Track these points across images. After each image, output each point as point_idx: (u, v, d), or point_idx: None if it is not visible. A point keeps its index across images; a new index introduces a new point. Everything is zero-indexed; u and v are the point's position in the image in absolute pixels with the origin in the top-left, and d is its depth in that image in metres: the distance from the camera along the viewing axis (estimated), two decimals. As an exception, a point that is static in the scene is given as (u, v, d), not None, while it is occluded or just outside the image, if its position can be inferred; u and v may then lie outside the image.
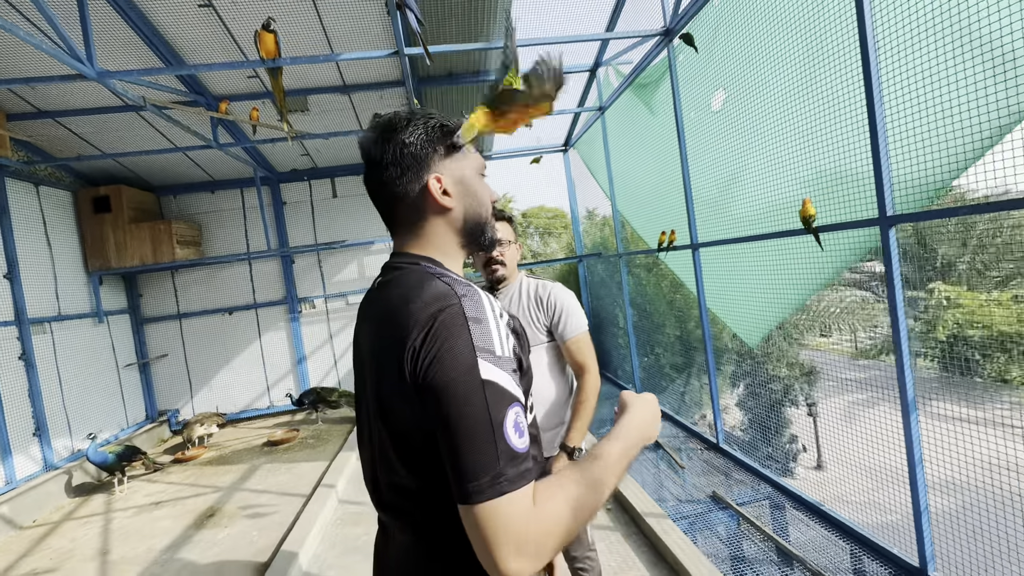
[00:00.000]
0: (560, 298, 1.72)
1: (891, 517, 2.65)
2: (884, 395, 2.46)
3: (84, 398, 5.13)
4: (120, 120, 4.69)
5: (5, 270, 4.47)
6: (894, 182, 2.06)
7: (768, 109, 2.93)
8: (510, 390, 0.69)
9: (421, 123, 0.86)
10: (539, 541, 0.64)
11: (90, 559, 3.25)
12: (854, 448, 2.79)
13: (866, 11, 2.02)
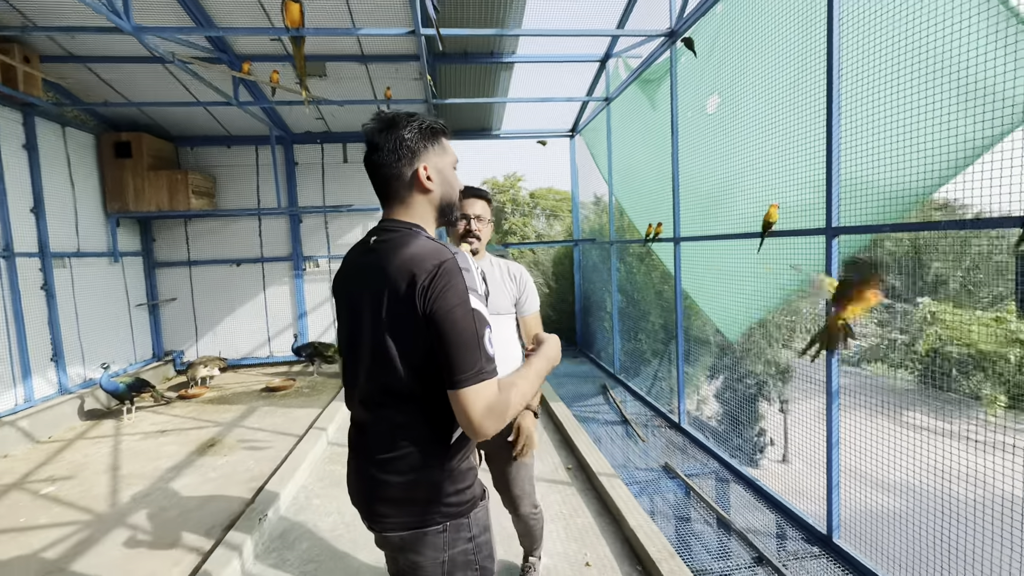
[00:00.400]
0: (528, 278, 1.98)
1: (843, 512, 2.74)
2: (857, 401, 2.62)
3: (97, 331, 5.47)
4: (146, 70, 4.90)
5: (32, 204, 4.75)
6: (883, 191, 2.21)
7: (751, 119, 3.15)
8: (487, 316, 1.04)
9: (417, 124, 1.14)
10: (501, 411, 1.00)
11: (102, 472, 3.62)
12: (818, 446, 2.87)
13: (834, 53, 2.24)
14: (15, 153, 4.61)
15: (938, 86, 1.97)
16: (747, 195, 3.32)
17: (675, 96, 3.92)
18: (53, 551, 2.62)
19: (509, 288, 1.92)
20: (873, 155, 2.26)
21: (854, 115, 2.32)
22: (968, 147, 1.90)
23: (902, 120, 2.10)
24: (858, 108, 2.30)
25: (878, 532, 2.41)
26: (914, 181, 2.10)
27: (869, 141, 2.27)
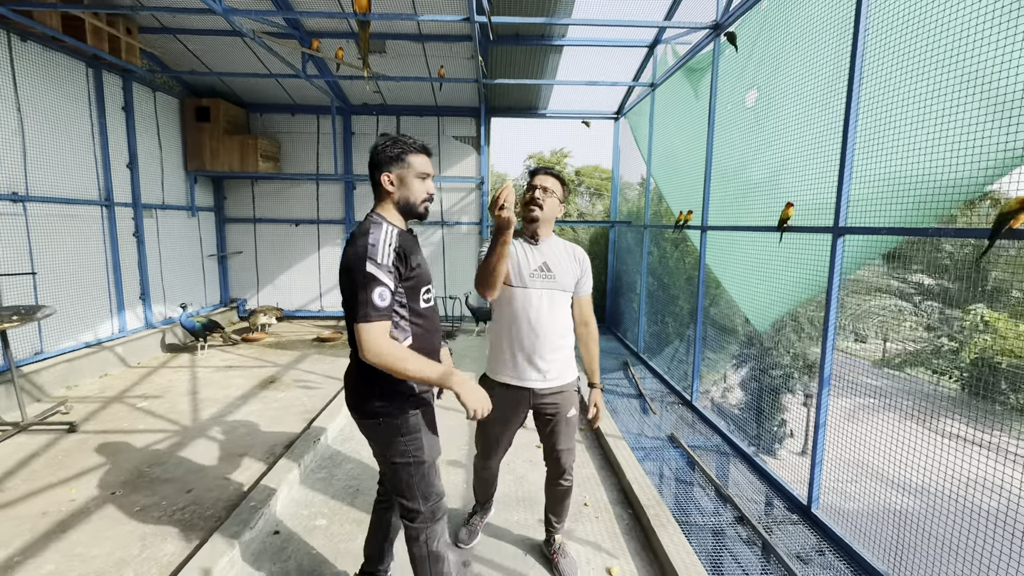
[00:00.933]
0: (587, 260, 2.12)
1: (853, 505, 2.89)
2: (893, 404, 2.59)
3: (176, 276, 6.20)
4: (227, 43, 5.39)
5: (127, 160, 5.40)
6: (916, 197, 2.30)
7: (782, 118, 3.28)
8: (380, 278, 1.47)
9: (388, 144, 1.62)
10: (377, 352, 1.45)
11: (183, 394, 4.26)
12: (841, 443, 2.85)
13: (856, 67, 2.38)
14: (115, 114, 5.23)
15: (969, 94, 2.04)
16: (773, 191, 3.46)
17: (715, 88, 4.04)
18: (151, 450, 3.22)
19: (572, 269, 2.04)
20: (903, 160, 2.40)
21: (887, 119, 2.43)
22: (1004, 157, 1.95)
23: (935, 127, 2.19)
24: (893, 111, 2.41)
25: (873, 523, 2.58)
26: (945, 186, 2.17)
27: (902, 147, 2.40)
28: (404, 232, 1.62)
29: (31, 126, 4.25)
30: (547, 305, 1.97)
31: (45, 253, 4.37)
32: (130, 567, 2.14)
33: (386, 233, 1.52)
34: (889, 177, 2.42)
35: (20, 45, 4.17)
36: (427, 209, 1.72)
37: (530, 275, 1.96)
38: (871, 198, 2.45)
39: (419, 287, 1.64)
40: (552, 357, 2.00)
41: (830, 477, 2.85)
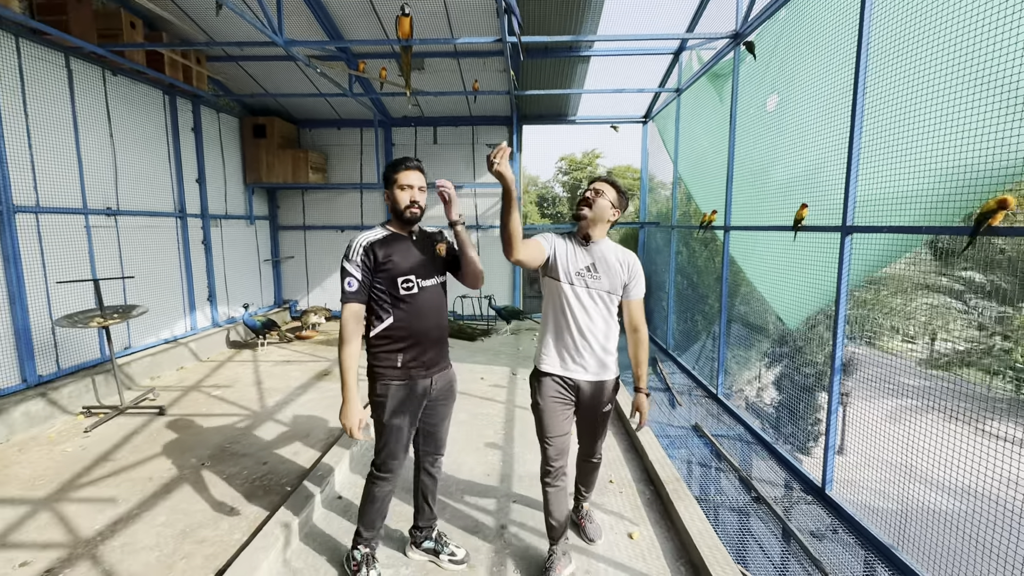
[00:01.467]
0: (638, 266, 2.14)
1: (889, 504, 2.87)
2: (938, 406, 2.53)
3: (236, 279, 6.80)
4: (281, 67, 5.93)
5: (196, 176, 6.02)
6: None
7: (799, 123, 3.45)
8: (349, 270, 1.92)
9: (387, 168, 2.01)
10: (341, 325, 1.94)
11: (250, 384, 4.77)
12: (882, 444, 2.90)
13: (860, 78, 2.57)
14: (186, 135, 5.85)
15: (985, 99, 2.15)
16: (793, 192, 3.63)
17: (736, 94, 4.23)
18: (228, 430, 3.70)
19: (620, 272, 2.09)
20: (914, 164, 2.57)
21: (900, 121, 2.59)
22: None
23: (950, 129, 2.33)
24: (905, 114, 2.57)
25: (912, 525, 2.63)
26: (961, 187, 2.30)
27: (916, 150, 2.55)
28: (390, 235, 2.02)
29: (121, 149, 4.87)
30: (590, 304, 2.06)
31: (132, 260, 4.98)
32: (224, 520, 2.57)
33: (362, 236, 1.97)
34: (910, 176, 2.56)
35: (112, 79, 4.78)
36: (412, 213, 1.98)
37: (576, 273, 2.06)
38: (890, 197, 2.61)
39: (395, 277, 1.97)
40: (592, 353, 2.08)
41: (867, 476, 2.90)
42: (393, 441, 2.05)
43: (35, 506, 2.70)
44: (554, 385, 2.12)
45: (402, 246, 2.01)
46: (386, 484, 2.12)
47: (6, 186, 3.73)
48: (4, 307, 3.76)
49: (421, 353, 2.04)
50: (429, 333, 2.05)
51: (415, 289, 2.00)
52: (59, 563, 2.25)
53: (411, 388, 2.03)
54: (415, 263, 2.01)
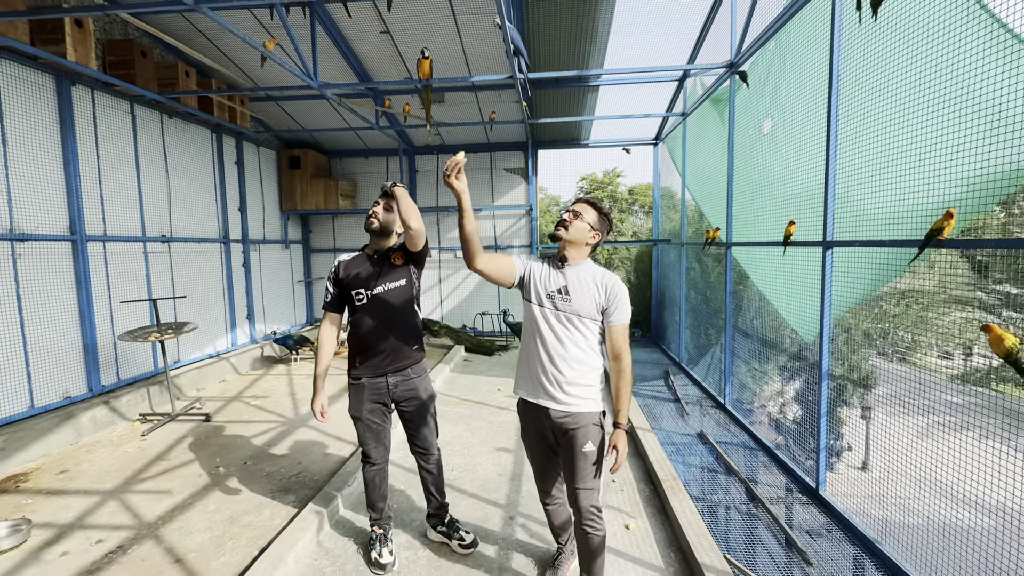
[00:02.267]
0: (619, 289, 1.96)
1: (914, 519, 2.84)
2: (974, 423, 2.47)
3: (272, 299, 7.31)
4: (315, 105, 6.49)
5: (239, 204, 6.59)
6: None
7: (792, 143, 3.70)
8: (328, 287, 2.41)
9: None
10: (319, 331, 2.41)
11: (285, 395, 5.17)
12: (909, 460, 2.86)
13: (833, 103, 2.83)
14: (230, 168, 6.44)
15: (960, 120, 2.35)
16: (787, 209, 3.85)
17: (732, 118, 4.50)
18: (268, 434, 4.07)
19: (594, 295, 1.95)
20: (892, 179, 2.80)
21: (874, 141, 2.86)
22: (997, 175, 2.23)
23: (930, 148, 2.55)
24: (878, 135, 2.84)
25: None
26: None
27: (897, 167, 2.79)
28: (357, 256, 2.42)
29: (174, 183, 5.44)
30: (560, 328, 1.96)
31: (182, 282, 5.50)
32: (266, 509, 2.90)
33: (338, 260, 2.44)
34: (893, 194, 2.78)
35: (168, 122, 5.38)
36: (370, 227, 2.31)
37: (547, 295, 1.98)
38: (883, 214, 2.82)
39: (350, 290, 2.34)
40: (563, 380, 1.95)
41: (894, 491, 2.88)
42: (361, 430, 2.42)
43: (104, 496, 3.10)
44: (529, 414, 2.07)
45: (360, 263, 2.38)
46: (369, 467, 2.46)
47: (81, 218, 4.27)
48: (76, 324, 4.27)
49: (371, 356, 2.34)
50: (379, 338, 2.33)
51: (364, 300, 2.32)
52: (127, 541, 2.62)
53: (364, 387, 2.37)
54: (364, 276, 2.33)
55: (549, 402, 1.98)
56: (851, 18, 2.75)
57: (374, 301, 2.32)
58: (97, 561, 2.45)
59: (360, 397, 2.37)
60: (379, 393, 2.37)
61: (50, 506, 2.98)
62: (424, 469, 2.54)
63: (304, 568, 2.42)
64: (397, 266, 2.36)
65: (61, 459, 3.66)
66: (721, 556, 2.27)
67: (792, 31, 3.56)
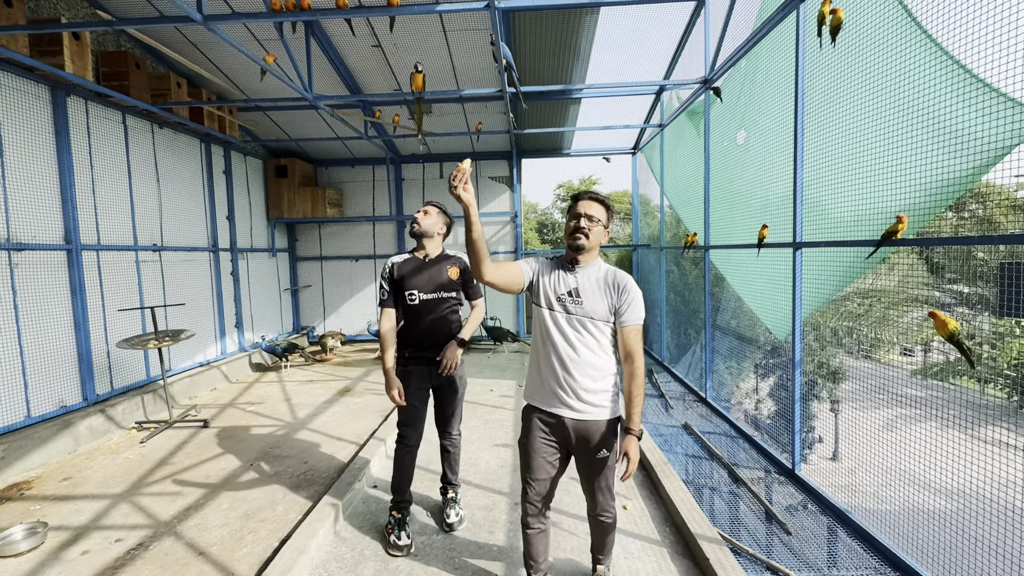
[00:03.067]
0: (632, 288, 1.91)
1: (885, 506, 3.12)
2: (933, 413, 2.69)
3: (260, 307, 7.33)
4: (303, 115, 6.60)
5: (227, 213, 6.62)
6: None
7: (764, 154, 4.02)
8: (383, 286, 2.62)
9: None
10: (380, 325, 2.60)
11: (280, 401, 5.23)
12: (876, 451, 3.06)
13: (799, 117, 3.14)
14: (219, 177, 6.47)
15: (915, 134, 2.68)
16: (762, 213, 4.17)
17: (708, 130, 4.83)
18: (269, 438, 4.15)
19: (605, 293, 1.92)
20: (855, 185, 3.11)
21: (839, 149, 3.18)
22: (947, 181, 2.55)
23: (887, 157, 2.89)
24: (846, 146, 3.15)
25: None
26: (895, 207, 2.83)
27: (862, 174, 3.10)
28: (409, 258, 2.63)
29: (165, 192, 5.47)
30: (572, 332, 1.91)
31: (172, 290, 5.52)
32: (279, 505, 3.01)
33: (390, 260, 2.64)
34: (858, 199, 3.09)
35: (159, 131, 5.42)
36: (413, 231, 2.63)
37: (557, 299, 1.93)
38: (850, 218, 3.12)
39: (402, 291, 2.58)
40: (578, 387, 1.90)
41: (863, 480, 3.18)
42: (403, 413, 2.63)
43: (115, 499, 3.15)
44: (539, 422, 2.00)
45: (413, 266, 2.62)
46: (402, 449, 2.65)
47: (76, 228, 4.29)
48: (71, 333, 4.28)
49: (418, 349, 2.61)
50: (426, 334, 2.61)
51: (416, 300, 2.58)
52: (147, 539, 2.70)
53: (411, 374, 2.61)
54: (418, 279, 2.59)
55: (564, 410, 1.93)
56: (814, 42, 3.07)
57: (425, 304, 2.59)
58: (120, 558, 2.53)
59: (407, 382, 2.61)
60: (423, 379, 2.64)
61: (60, 510, 3.02)
62: (444, 447, 2.84)
63: (325, 555, 2.55)
64: (452, 280, 2.66)
65: (61, 467, 3.67)
66: (711, 528, 2.50)
67: (761, 52, 3.90)
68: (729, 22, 4.22)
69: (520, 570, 2.39)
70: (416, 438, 2.68)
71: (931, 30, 2.56)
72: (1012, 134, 2.16)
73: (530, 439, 2.02)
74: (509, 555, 2.52)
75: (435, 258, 2.66)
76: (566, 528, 2.73)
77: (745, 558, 2.50)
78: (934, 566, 2.38)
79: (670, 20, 5.08)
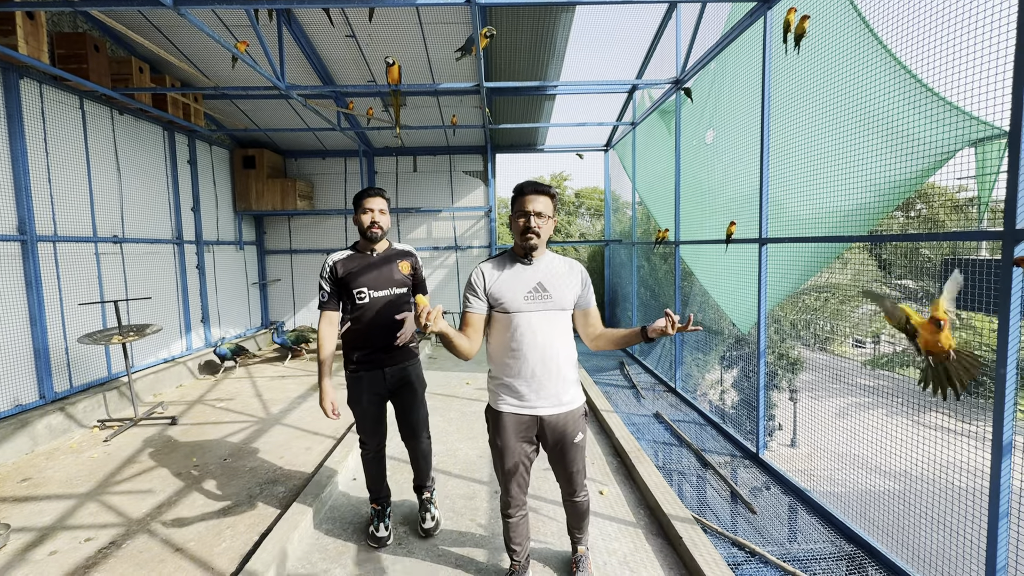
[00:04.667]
0: (586, 275, 2.03)
1: (840, 489, 3.30)
2: (882, 402, 2.85)
3: (227, 302, 7.13)
4: (272, 104, 6.43)
5: (192, 204, 6.40)
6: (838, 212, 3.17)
7: (732, 152, 4.19)
8: (323, 286, 2.42)
9: (358, 195, 2.45)
10: (318, 330, 2.42)
11: (251, 397, 5.13)
12: (831, 437, 3.26)
13: (765, 122, 3.30)
14: (183, 167, 6.25)
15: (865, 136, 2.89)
16: (729, 210, 4.34)
17: (679, 129, 4.99)
18: (242, 434, 4.08)
19: (571, 285, 1.97)
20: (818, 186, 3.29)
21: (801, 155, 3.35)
22: (899, 180, 2.76)
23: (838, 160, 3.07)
24: (807, 149, 3.32)
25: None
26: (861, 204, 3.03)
27: (818, 176, 3.29)
28: (353, 254, 2.45)
29: (126, 182, 5.25)
30: (545, 327, 1.91)
31: (135, 284, 5.31)
32: (257, 500, 2.99)
33: (330, 256, 2.44)
34: (818, 197, 3.28)
35: (119, 118, 5.20)
36: (373, 233, 2.40)
37: (524, 297, 1.90)
38: (810, 216, 3.30)
39: (351, 289, 2.39)
40: (554, 383, 1.92)
41: (819, 466, 3.41)
42: (358, 417, 2.52)
43: (81, 499, 3.05)
44: (513, 420, 1.96)
45: (360, 263, 2.43)
46: (367, 452, 2.57)
47: (31, 218, 4.09)
48: (25, 328, 4.08)
49: (371, 351, 2.43)
50: (378, 335, 2.43)
51: (367, 299, 2.40)
52: (119, 537, 2.63)
53: (363, 379, 2.45)
54: (367, 277, 2.41)
55: (544, 408, 1.94)
56: (779, 48, 3.23)
57: (376, 302, 2.42)
58: (92, 557, 2.46)
59: (359, 388, 2.46)
60: (377, 384, 2.46)
61: (21, 512, 2.91)
62: (415, 456, 2.64)
63: (307, 546, 2.55)
64: (404, 275, 2.51)
65: (19, 468, 3.51)
66: (684, 508, 2.63)
67: (730, 55, 4.06)
68: (700, 25, 4.37)
69: (502, 555, 2.46)
70: (377, 443, 2.56)
71: (885, 39, 2.74)
72: (956, 139, 2.34)
73: (504, 439, 1.97)
74: (491, 542, 2.58)
75: (383, 253, 2.49)
76: (545, 514, 2.82)
77: (714, 536, 2.64)
78: (884, 539, 2.58)
79: (643, 21, 5.20)
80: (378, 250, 2.49)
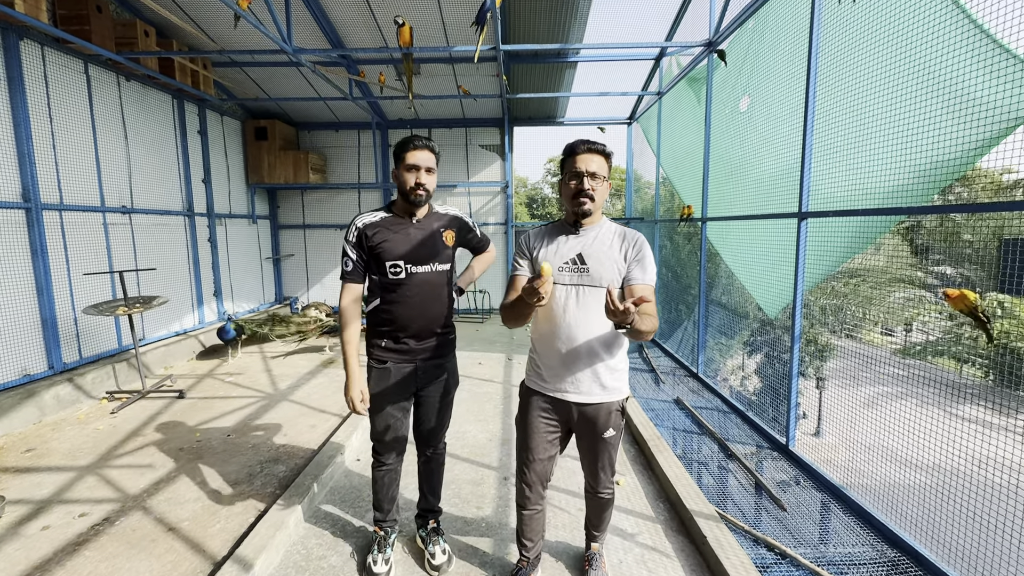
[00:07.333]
0: (645, 245, 1.73)
1: (867, 481, 3.09)
2: (913, 392, 2.63)
3: (240, 276, 7.06)
4: (283, 72, 6.22)
5: (203, 176, 6.28)
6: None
7: (772, 120, 3.83)
8: (348, 253, 1.94)
9: (397, 145, 1.93)
10: (340, 306, 1.98)
11: (261, 372, 5.05)
12: (859, 428, 3.10)
13: (811, 83, 2.95)
14: (193, 137, 6.11)
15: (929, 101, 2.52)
16: (764, 183, 4.01)
17: (710, 96, 4.62)
18: (247, 409, 3.99)
19: (615, 258, 1.70)
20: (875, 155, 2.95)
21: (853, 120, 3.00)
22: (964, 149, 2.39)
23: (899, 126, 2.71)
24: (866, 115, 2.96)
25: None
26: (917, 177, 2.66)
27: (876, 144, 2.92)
28: (388, 217, 1.96)
29: (134, 151, 5.13)
30: (575, 304, 1.69)
31: (144, 255, 5.24)
32: (257, 479, 2.87)
33: (359, 217, 1.95)
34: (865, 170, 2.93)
35: (125, 84, 5.05)
36: (417, 196, 1.89)
37: (559, 269, 1.71)
38: (856, 191, 2.96)
39: (383, 261, 1.92)
40: (585, 368, 1.71)
41: (844, 456, 3.19)
42: (378, 421, 2.05)
43: (80, 472, 2.98)
44: (540, 402, 1.81)
45: (398, 230, 1.94)
46: (379, 466, 2.11)
47: (35, 185, 3.99)
48: (32, 298, 4.02)
49: (401, 339, 1.98)
50: (413, 321, 1.97)
51: (403, 275, 1.93)
52: (113, 514, 2.54)
53: (390, 373, 2.00)
54: (407, 249, 1.93)
55: (572, 394, 1.74)
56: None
57: (414, 279, 1.96)
58: (84, 533, 2.37)
59: (384, 383, 2.00)
60: (406, 380, 2.02)
61: (20, 483, 2.85)
62: (424, 464, 2.23)
63: (304, 530, 2.43)
64: (448, 246, 2.04)
65: (25, 438, 3.48)
66: (707, 504, 2.42)
67: (771, 9, 3.68)
68: (738, -22, 3.98)
69: (510, 546, 2.29)
70: (395, 458, 2.12)
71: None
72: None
73: (528, 418, 1.83)
74: (498, 531, 2.42)
75: (422, 219, 2.00)
76: (556, 504, 2.64)
77: (738, 533, 2.43)
78: (926, 540, 2.34)
79: (674, -23, 4.80)
80: (419, 216, 1.99)
